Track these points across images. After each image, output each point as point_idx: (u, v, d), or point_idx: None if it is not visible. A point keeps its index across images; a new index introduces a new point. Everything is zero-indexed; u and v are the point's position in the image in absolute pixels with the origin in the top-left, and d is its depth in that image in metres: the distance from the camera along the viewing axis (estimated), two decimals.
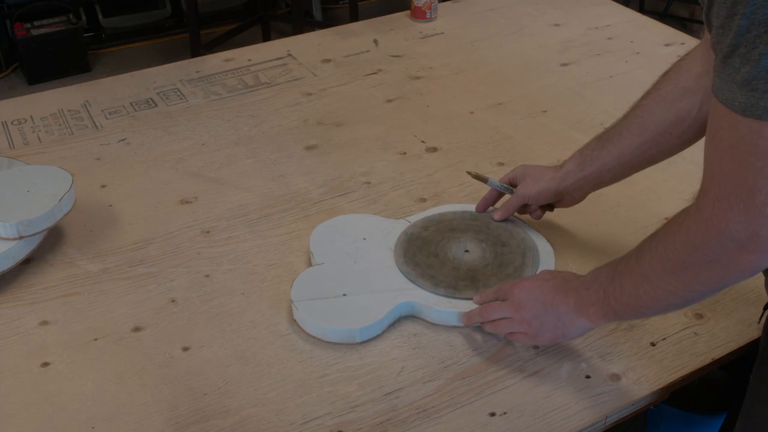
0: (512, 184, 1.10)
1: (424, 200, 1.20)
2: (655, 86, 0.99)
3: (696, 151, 1.15)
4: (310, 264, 1.07)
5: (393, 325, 0.98)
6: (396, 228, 1.09)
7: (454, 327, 0.97)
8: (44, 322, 0.99)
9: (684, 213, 0.74)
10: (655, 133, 0.97)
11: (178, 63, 1.64)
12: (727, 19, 0.62)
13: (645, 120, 0.98)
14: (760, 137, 0.63)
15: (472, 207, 1.13)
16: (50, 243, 1.12)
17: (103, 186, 1.25)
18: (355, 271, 1.02)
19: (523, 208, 1.10)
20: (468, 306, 0.97)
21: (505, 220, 1.10)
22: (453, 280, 1.00)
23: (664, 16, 3.29)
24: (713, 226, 0.69)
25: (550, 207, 1.11)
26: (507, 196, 1.10)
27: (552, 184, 1.06)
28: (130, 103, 1.49)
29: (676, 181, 1.22)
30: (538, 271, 1.01)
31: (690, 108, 0.94)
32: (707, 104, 0.86)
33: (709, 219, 0.70)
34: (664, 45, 1.65)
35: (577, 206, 1.09)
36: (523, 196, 1.07)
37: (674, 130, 0.96)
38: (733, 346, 0.94)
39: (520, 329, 0.90)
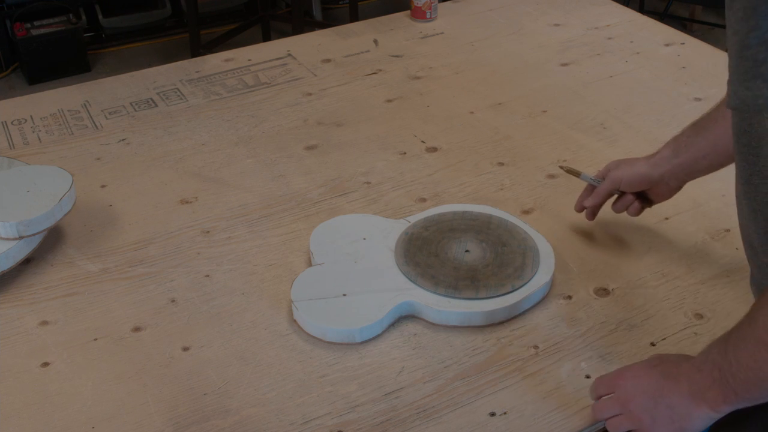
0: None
1: (424, 200, 1.20)
2: None
3: None
4: (310, 264, 1.07)
5: (393, 325, 0.98)
6: (396, 228, 1.09)
7: (454, 327, 0.97)
8: (44, 322, 0.99)
9: None
10: None
11: (178, 63, 1.64)
12: None
13: None
14: None
15: (472, 207, 1.13)
16: (50, 243, 1.12)
17: (103, 186, 1.25)
18: (355, 271, 1.02)
19: (620, 203, 1.07)
20: (468, 305, 0.97)
21: (506, 221, 1.10)
22: (453, 280, 1.00)
23: (664, 16, 3.29)
24: None
25: (648, 203, 1.08)
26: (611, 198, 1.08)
27: (644, 169, 1.02)
28: (130, 103, 1.49)
29: None
30: (538, 272, 1.01)
31: None
32: None
33: None
34: (664, 45, 1.65)
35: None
36: (615, 180, 1.05)
37: None
38: None
39: (633, 426, 0.79)
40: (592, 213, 1.10)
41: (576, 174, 1.11)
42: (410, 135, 1.37)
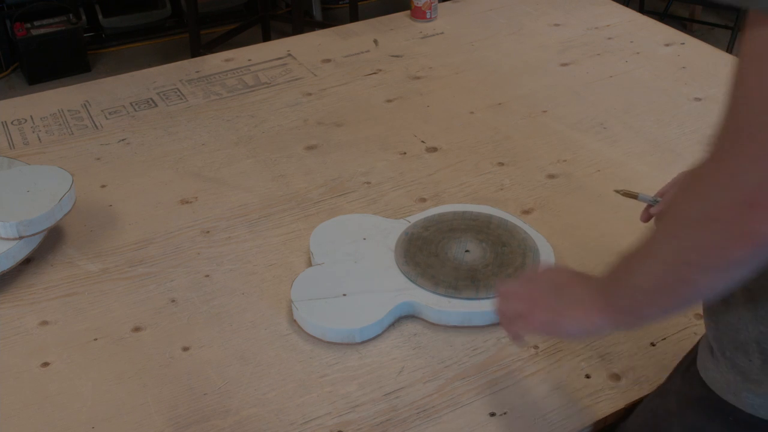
0: None
1: (424, 200, 1.20)
2: None
3: (696, 152, 1.15)
4: (310, 264, 1.07)
5: (393, 325, 0.98)
6: (396, 228, 1.09)
7: (454, 327, 0.97)
8: (44, 322, 0.99)
9: (696, 166, 0.62)
10: None
11: (178, 63, 1.64)
12: None
13: None
14: None
15: (472, 207, 1.13)
16: (50, 243, 1.12)
17: (103, 186, 1.25)
18: (355, 271, 1.02)
19: None
20: (468, 305, 0.97)
21: (506, 221, 1.10)
22: (453, 280, 1.00)
23: (664, 16, 3.29)
24: (720, 170, 0.56)
25: None
26: None
27: None
28: (130, 103, 1.49)
29: None
30: None
31: None
32: None
33: (718, 161, 0.56)
34: (664, 45, 1.65)
35: (577, 206, 1.09)
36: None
37: None
38: None
39: (519, 309, 0.80)
40: None
41: (634, 196, 1.05)
42: (410, 135, 1.37)
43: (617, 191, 1.05)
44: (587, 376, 0.91)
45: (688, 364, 0.77)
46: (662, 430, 0.78)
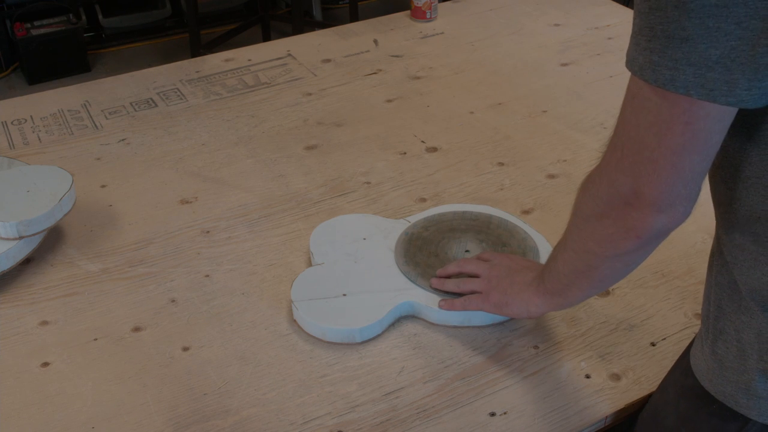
0: None
1: (424, 200, 1.20)
2: None
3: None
4: (310, 264, 1.07)
5: (393, 325, 0.98)
6: (396, 228, 1.09)
7: (454, 327, 0.97)
8: (44, 322, 0.99)
9: (594, 167, 0.73)
10: None
11: (178, 63, 1.64)
12: None
13: None
14: (652, 92, 0.60)
15: (472, 207, 1.13)
16: (50, 243, 1.12)
17: (103, 186, 1.25)
18: (355, 271, 1.02)
19: None
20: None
21: (506, 221, 1.10)
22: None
23: None
24: (606, 176, 0.68)
25: None
26: None
27: None
28: (130, 103, 1.49)
29: None
30: None
31: None
32: None
33: (605, 168, 0.68)
34: None
35: None
36: None
37: None
38: None
39: (477, 288, 0.93)
40: None
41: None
42: (410, 135, 1.37)
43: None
44: (587, 376, 0.91)
45: (684, 354, 0.80)
46: (661, 419, 0.80)
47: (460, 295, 0.96)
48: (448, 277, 0.99)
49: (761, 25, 0.54)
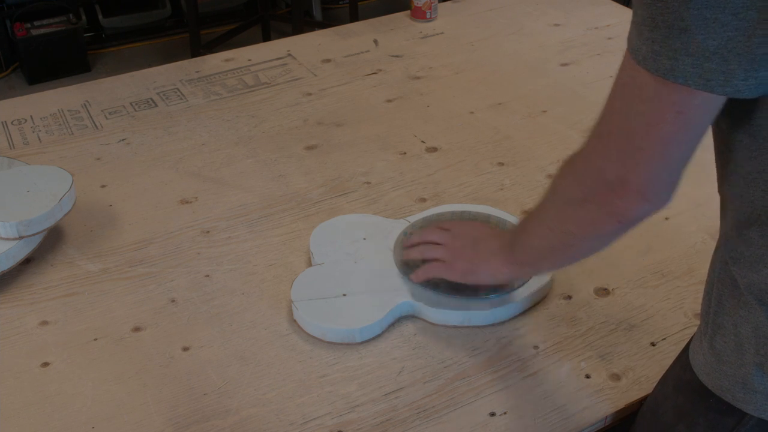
0: None
1: (424, 200, 1.20)
2: None
3: (696, 151, 1.15)
4: (310, 264, 1.07)
5: (393, 325, 0.98)
6: (396, 228, 1.09)
7: (454, 327, 0.97)
8: (44, 322, 0.99)
9: (576, 151, 0.75)
10: None
11: (178, 63, 1.64)
12: None
13: None
14: (644, 82, 0.62)
15: (472, 207, 1.13)
16: (50, 243, 1.12)
17: (103, 186, 1.25)
18: (355, 271, 1.02)
19: None
20: (468, 305, 0.97)
21: (506, 221, 1.10)
22: (453, 280, 1.00)
23: None
24: (592, 163, 0.70)
25: None
26: None
27: None
28: (130, 103, 1.49)
29: None
30: None
31: None
32: None
33: (590, 154, 0.70)
34: None
35: None
36: None
37: None
38: None
39: (441, 256, 0.96)
40: None
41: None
42: (410, 135, 1.37)
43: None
44: (587, 376, 0.91)
45: (684, 350, 0.81)
46: (660, 414, 0.81)
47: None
48: (413, 247, 1.02)
49: (757, 15, 0.55)
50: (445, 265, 0.96)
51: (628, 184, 0.67)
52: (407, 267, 1.00)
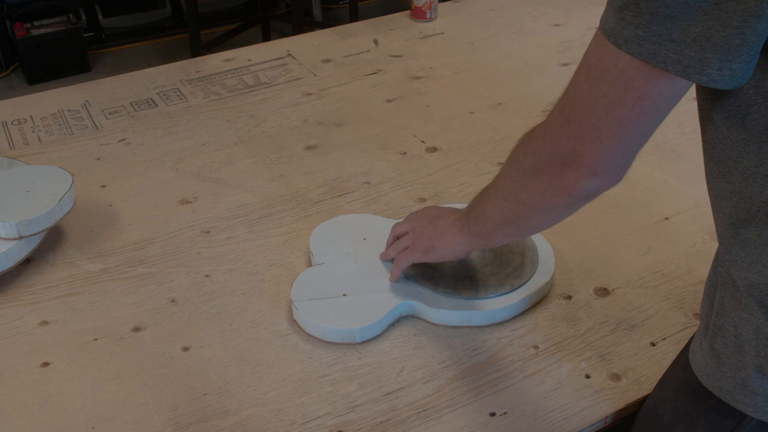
0: None
1: (424, 200, 1.20)
2: None
3: (696, 151, 1.15)
4: (310, 264, 1.07)
5: (393, 325, 0.98)
6: None
7: (454, 327, 0.97)
8: (44, 322, 0.99)
9: (537, 124, 0.76)
10: None
11: (178, 63, 1.64)
12: None
13: None
14: (614, 64, 0.63)
15: None
16: (50, 243, 1.12)
17: (103, 186, 1.25)
18: (355, 271, 1.02)
19: None
20: (468, 305, 0.97)
21: None
22: (453, 280, 1.00)
23: None
24: (549, 134, 0.72)
25: None
26: None
27: None
28: (130, 103, 1.49)
29: (676, 182, 1.22)
30: (537, 271, 1.01)
31: None
32: None
33: (549, 127, 0.72)
34: None
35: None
36: None
37: None
38: None
39: (406, 243, 0.98)
40: None
41: None
42: (410, 135, 1.37)
43: None
44: (587, 376, 0.91)
45: (683, 350, 0.81)
46: (660, 416, 0.81)
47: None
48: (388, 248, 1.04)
49: (736, 6, 0.56)
50: (409, 249, 0.97)
51: (581, 159, 0.68)
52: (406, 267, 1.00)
